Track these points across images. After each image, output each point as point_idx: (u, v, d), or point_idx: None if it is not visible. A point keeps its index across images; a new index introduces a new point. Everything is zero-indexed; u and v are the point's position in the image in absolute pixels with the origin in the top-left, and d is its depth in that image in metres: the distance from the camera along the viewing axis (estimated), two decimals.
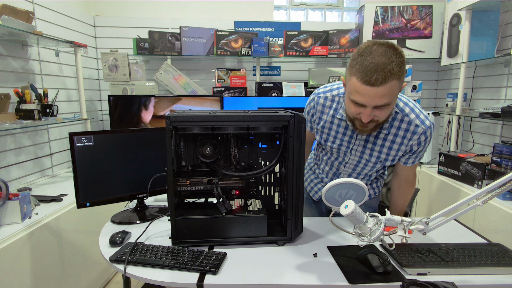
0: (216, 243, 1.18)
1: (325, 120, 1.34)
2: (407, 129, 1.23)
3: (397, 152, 1.28)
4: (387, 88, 1.02)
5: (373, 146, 1.29)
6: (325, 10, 3.42)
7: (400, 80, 1.05)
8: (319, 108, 1.35)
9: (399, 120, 1.23)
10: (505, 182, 0.90)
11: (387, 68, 1.00)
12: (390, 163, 1.33)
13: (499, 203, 1.74)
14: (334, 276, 1.00)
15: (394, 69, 1.01)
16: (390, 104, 1.09)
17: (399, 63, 1.02)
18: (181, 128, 1.16)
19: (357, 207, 0.95)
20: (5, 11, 1.76)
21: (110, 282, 2.27)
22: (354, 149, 1.32)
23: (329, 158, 1.43)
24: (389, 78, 1.01)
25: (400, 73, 1.03)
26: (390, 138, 1.26)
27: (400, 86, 1.07)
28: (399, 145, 1.26)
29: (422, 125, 1.22)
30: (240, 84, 2.98)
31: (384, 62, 1.01)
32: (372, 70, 1.01)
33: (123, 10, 3.06)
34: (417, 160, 1.33)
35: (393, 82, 1.02)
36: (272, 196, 1.35)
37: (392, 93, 1.05)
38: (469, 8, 2.28)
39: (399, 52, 1.04)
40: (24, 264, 1.45)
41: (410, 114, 1.22)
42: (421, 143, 1.25)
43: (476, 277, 0.99)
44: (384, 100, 1.06)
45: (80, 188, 1.36)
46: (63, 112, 2.50)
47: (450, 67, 2.99)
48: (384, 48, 1.03)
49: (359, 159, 1.34)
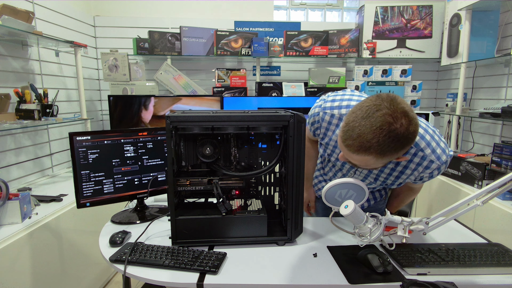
0: (216, 243, 1.18)
1: (330, 138, 1.22)
2: (419, 163, 1.11)
3: (405, 180, 1.19)
4: (359, 158, 0.94)
5: (379, 173, 1.20)
6: (325, 10, 3.42)
7: (380, 159, 0.93)
8: (324, 125, 1.21)
9: (412, 154, 1.09)
10: (505, 182, 0.90)
11: (365, 145, 0.90)
12: (397, 186, 1.24)
13: (499, 203, 1.74)
14: (334, 276, 1.00)
15: (373, 148, 0.89)
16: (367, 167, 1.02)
17: (385, 145, 0.89)
18: (181, 128, 1.16)
19: (357, 207, 0.95)
20: (5, 11, 1.76)
21: (110, 282, 2.27)
22: (360, 170, 1.23)
23: (334, 165, 1.36)
24: (363, 153, 0.91)
25: (379, 154, 0.91)
26: (399, 169, 1.15)
27: (383, 161, 0.95)
28: (408, 176, 1.16)
29: (437, 161, 1.09)
30: (240, 84, 2.98)
31: (367, 139, 0.89)
32: (351, 135, 0.91)
33: (123, 10, 3.06)
34: (425, 180, 1.20)
35: (368, 157, 0.92)
36: (272, 196, 1.35)
37: (366, 163, 0.97)
38: (469, 8, 2.28)
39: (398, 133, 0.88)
40: (24, 264, 1.45)
41: (426, 149, 1.08)
42: (433, 176, 1.14)
43: (476, 277, 0.99)
44: (356, 163, 0.99)
45: (80, 188, 1.36)
46: (63, 112, 2.50)
47: (450, 67, 2.99)
48: (382, 122, 0.88)
49: (363, 179, 1.25)
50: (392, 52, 2.98)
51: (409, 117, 0.89)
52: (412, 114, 0.90)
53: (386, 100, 0.90)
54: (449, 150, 1.12)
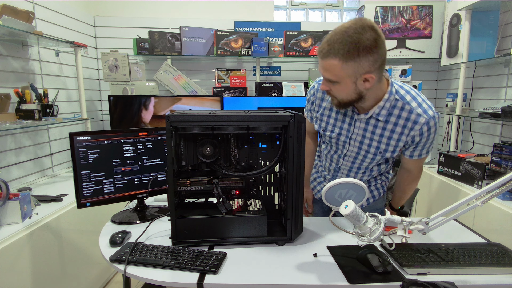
0: (216, 243, 1.18)
1: (324, 107, 1.32)
2: (407, 118, 1.17)
3: (398, 142, 1.22)
4: (327, 64, 1.04)
5: (372, 135, 1.24)
6: (325, 10, 3.42)
7: (346, 64, 1.01)
8: (319, 95, 1.32)
9: (399, 108, 1.17)
10: (505, 182, 0.90)
11: (332, 45, 1.00)
12: (391, 154, 1.26)
13: (499, 203, 1.74)
14: (334, 276, 1.00)
15: (337, 48, 0.99)
16: (339, 83, 1.08)
17: (348, 47, 0.98)
18: (181, 128, 1.16)
19: (357, 207, 0.95)
20: (5, 11, 1.76)
21: (110, 282, 2.27)
22: (353, 138, 1.28)
23: (329, 151, 1.40)
24: (330, 55, 1.02)
25: (343, 56, 0.99)
26: (389, 127, 1.20)
27: (347, 71, 1.03)
28: (399, 135, 1.20)
29: (424, 115, 1.15)
30: (240, 84, 2.98)
31: (334, 40, 1.00)
32: (323, 42, 1.04)
33: (123, 10, 3.06)
34: (423, 154, 1.27)
35: (334, 61, 1.01)
36: (272, 196, 1.35)
37: (334, 72, 1.04)
38: (469, 8, 2.28)
39: (363, 36, 0.97)
40: (24, 264, 1.45)
41: (412, 102, 1.16)
42: (423, 133, 1.18)
43: (476, 277, 1.00)
44: (326, 74, 1.07)
45: (80, 188, 1.36)
46: (63, 112, 2.50)
47: (450, 67, 2.99)
48: (350, 26, 1.00)
49: (358, 150, 1.29)
50: (392, 52, 2.98)
51: (376, 29, 1.00)
52: (379, 29, 1.01)
53: (358, 18, 1.03)
54: (434, 109, 1.18)
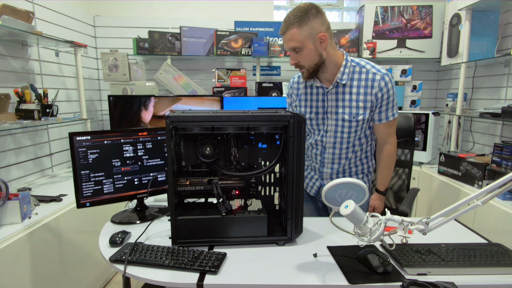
0: (216, 243, 1.18)
1: (300, 93, 1.53)
2: (366, 78, 1.39)
3: (365, 103, 1.41)
4: (289, 35, 1.32)
5: (343, 102, 1.43)
6: (325, 10, 3.42)
7: (301, 28, 1.30)
8: (294, 86, 1.56)
9: (358, 72, 1.41)
10: (505, 182, 0.90)
11: (287, 21, 1.32)
12: (362, 117, 1.42)
13: (499, 203, 1.74)
14: (334, 276, 1.00)
15: (291, 19, 1.30)
16: (303, 50, 1.33)
17: (297, 14, 1.30)
18: (181, 128, 1.16)
19: (357, 207, 0.95)
20: (5, 11, 1.76)
21: (110, 282, 2.27)
22: (329, 112, 1.46)
23: (312, 137, 1.54)
24: (288, 27, 1.31)
25: (297, 23, 1.29)
26: (354, 90, 1.41)
27: (304, 33, 1.30)
28: (364, 96, 1.40)
29: (378, 72, 1.38)
30: (240, 84, 2.98)
31: (287, 16, 1.32)
32: (282, 23, 1.35)
33: (123, 10, 3.06)
34: (389, 116, 1.44)
35: (293, 30, 1.30)
36: (272, 196, 1.35)
37: (296, 39, 1.31)
38: (469, 8, 2.28)
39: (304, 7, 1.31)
40: (24, 264, 1.45)
41: (366, 65, 1.41)
42: (382, 89, 1.38)
43: (476, 277, 0.99)
44: (291, 44, 1.33)
45: (80, 188, 1.36)
46: (63, 112, 2.50)
47: (450, 67, 2.99)
48: (296, 7, 1.32)
49: (336, 122, 1.45)
50: (392, 52, 2.98)
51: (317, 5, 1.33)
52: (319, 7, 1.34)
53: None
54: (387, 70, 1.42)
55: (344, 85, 1.42)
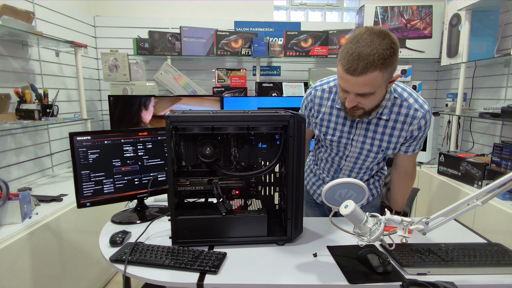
0: (216, 243, 1.18)
1: (324, 112, 1.34)
2: (407, 114, 1.23)
3: (398, 139, 1.27)
4: (368, 79, 1.04)
5: (374, 134, 1.28)
6: (325, 10, 3.42)
7: (384, 71, 1.05)
8: (317, 101, 1.35)
9: (398, 105, 1.24)
10: (505, 182, 0.90)
11: (368, 60, 1.01)
12: (392, 151, 1.32)
13: (499, 203, 1.74)
14: (334, 276, 1.00)
15: (376, 61, 1.01)
16: (374, 93, 1.10)
17: (383, 54, 1.01)
18: (181, 128, 1.16)
19: (357, 207, 0.95)
20: (5, 11, 1.76)
21: (110, 282, 2.27)
22: (355, 140, 1.31)
23: (329, 154, 1.41)
24: (369, 70, 1.02)
25: (383, 65, 1.02)
26: (390, 124, 1.26)
27: (385, 77, 1.07)
28: (399, 131, 1.26)
29: (421, 109, 1.22)
30: (240, 84, 2.98)
31: (367, 53, 1.01)
32: (353, 60, 1.03)
33: (123, 10, 3.06)
34: (417, 149, 1.32)
35: (375, 74, 1.03)
36: (272, 196, 1.35)
37: (374, 84, 1.06)
38: (469, 8, 2.28)
39: (388, 42, 1.02)
40: (24, 264, 1.45)
41: (409, 98, 1.23)
42: (421, 127, 1.24)
43: (476, 277, 1.00)
44: (365, 89, 1.08)
45: (80, 188, 1.36)
46: (63, 112, 2.50)
47: (450, 67, 2.99)
48: (372, 38, 1.02)
49: (360, 150, 1.32)
50: None
51: (387, 30, 1.06)
52: (387, 29, 1.07)
53: (365, 28, 1.07)
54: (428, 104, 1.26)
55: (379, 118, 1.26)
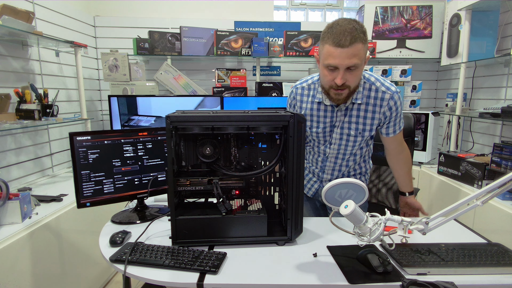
0: (216, 243, 1.18)
1: (306, 108, 1.45)
2: (376, 96, 1.36)
3: (373, 120, 1.39)
4: (355, 49, 1.19)
5: (350, 118, 1.40)
6: (325, 10, 3.42)
7: (365, 45, 1.22)
8: (298, 98, 1.48)
9: (368, 89, 1.37)
10: (505, 182, 0.90)
11: (353, 33, 1.18)
12: (369, 133, 1.42)
13: (499, 203, 1.74)
14: (334, 276, 1.00)
15: (359, 34, 1.19)
16: (358, 68, 1.23)
17: (362, 30, 1.21)
18: (181, 128, 1.16)
19: (357, 207, 0.95)
20: (5, 11, 1.76)
21: (110, 282, 2.27)
22: (337, 126, 1.42)
23: (314, 145, 1.51)
24: (356, 40, 1.18)
25: (364, 39, 1.21)
26: (363, 107, 1.38)
27: (365, 51, 1.24)
28: (372, 113, 1.38)
29: (388, 91, 1.36)
30: (240, 84, 2.98)
31: (351, 28, 1.19)
32: (341, 34, 1.18)
33: (123, 10, 3.06)
34: (397, 129, 1.44)
35: (360, 45, 1.19)
36: (272, 196, 1.35)
37: (360, 55, 1.21)
38: (469, 8, 2.28)
39: (361, 24, 1.23)
40: (24, 264, 1.45)
41: (376, 82, 1.37)
42: (391, 108, 1.37)
43: (476, 277, 1.00)
44: (354, 60, 1.20)
45: (80, 188, 1.36)
46: (63, 112, 2.50)
47: (450, 67, 2.99)
48: (348, 20, 1.22)
49: (341, 136, 1.43)
50: (392, 52, 2.98)
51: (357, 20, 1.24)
52: None
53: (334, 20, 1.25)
54: (395, 87, 1.39)
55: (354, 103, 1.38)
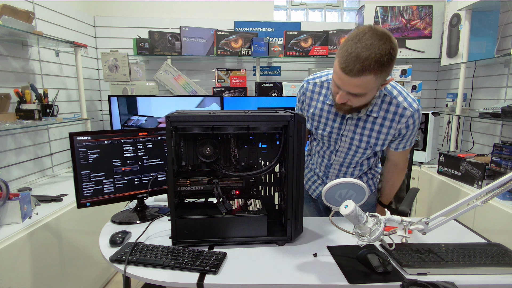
0: (216, 243, 1.18)
1: (315, 107, 1.35)
2: (395, 112, 1.24)
3: (386, 136, 1.28)
4: (361, 81, 1.04)
5: (362, 130, 1.29)
6: (325, 10, 3.42)
7: (379, 76, 1.05)
8: (308, 95, 1.36)
9: (387, 102, 1.24)
10: (505, 182, 0.90)
11: (365, 63, 1.00)
12: (380, 148, 1.33)
13: (499, 203, 1.74)
14: (334, 276, 1.00)
15: (372, 65, 1.00)
16: (365, 95, 1.11)
17: (381, 60, 1.01)
18: (181, 128, 1.16)
19: (357, 207, 0.95)
20: (5, 11, 1.76)
21: (110, 282, 2.27)
22: (345, 135, 1.32)
23: (321, 148, 1.43)
24: (364, 73, 1.02)
25: (378, 70, 1.02)
26: (379, 121, 1.26)
27: (379, 81, 1.07)
28: (388, 129, 1.27)
29: (410, 108, 1.23)
30: (240, 84, 2.98)
31: (365, 56, 1.00)
32: (350, 60, 1.02)
33: (123, 10, 3.06)
34: (407, 146, 1.33)
35: (369, 77, 1.03)
36: (272, 196, 1.35)
37: (367, 86, 1.07)
38: (469, 8, 2.28)
39: (387, 47, 1.01)
40: (24, 264, 1.45)
41: (398, 96, 1.23)
42: (409, 126, 1.25)
43: (476, 277, 1.00)
44: (357, 90, 1.08)
45: (80, 188, 1.36)
46: (63, 112, 2.50)
47: (450, 67, 2.99)
48: (373, 40, 1.00)
49: (350, 146, 1.34)
50: None
51: (389, 34, 1.04)
52: (390, 32, 1.05)
53: (367, 26, 1.05)
54: (418, 103, 1.25)
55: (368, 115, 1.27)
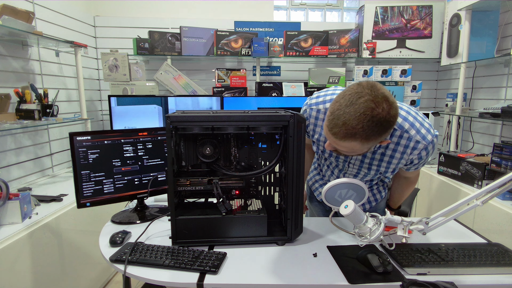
0: (216, 243, 1.18)
1: (320, 133, 1.26)
2: (406, 145, 1.14)
3: (397, 165, 1.21)
4: (347, 144, 0.98)
5: (371, 161, 1.22)
6: (325, 10, 3.42)
7: (367, 144, 0.98)
8: (312, 121, 1.27)
9: (398, 136, 1.13)
10: (505, 182, 0.90)
11: (351, 131, 0.94)
12: (391, 174, 1.27)
13: (499, 203, 1.74)
14: (334, 276, 1.00)
15: (358, 134, 0.94)
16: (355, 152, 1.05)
17: (367, 133, 0.94)
18: (181, 128, 1.16)
19: (357, 207, 0.95)
20: (5, 11, 1.76)
21: (110, 282, 2.27)
22: (352, 163, 1.27)
23: (330, 163, 1.39)
24: (350, 139, 0.96)
25: (365, 140, 0.96)
26: (388, 153, 1.18)
27: (369, 145, 1.00)
28: (398, 160, 1.18)
29: (423, 141, 1.11)
30: (240, 84, 2.98)
31: (352, 126, 0.93)
32: (336, 124, 0.96)
33: (123, 10, 3.06)
34: (419, 166, 1.25)
35: (355, 143, 0.97)
36: (272, 196, 1.35)
37: (353, 149, 1.01)
38: (469, 8, 2.28)
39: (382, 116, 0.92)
40: (24, 264, 1.45)
41: (410, 130, 1.11)
42: (422, 157, 1.16)
43: (476, 277, 1.00)
44: (344, 150, 1.03)
45: (80, 188, 1.36)
46: (63, 112, 2.50)
47: (450, 67, 2.99)
48: (366, 109, 0.92)
49: (358, 171, 1.29)
50: (392, 52, 2.98)
51: (390, 101, 0.94)
52: (392, 98, 0.96)
53: (367, 87, 0.95)
54: (434, 130, 1.14)
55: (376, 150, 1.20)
